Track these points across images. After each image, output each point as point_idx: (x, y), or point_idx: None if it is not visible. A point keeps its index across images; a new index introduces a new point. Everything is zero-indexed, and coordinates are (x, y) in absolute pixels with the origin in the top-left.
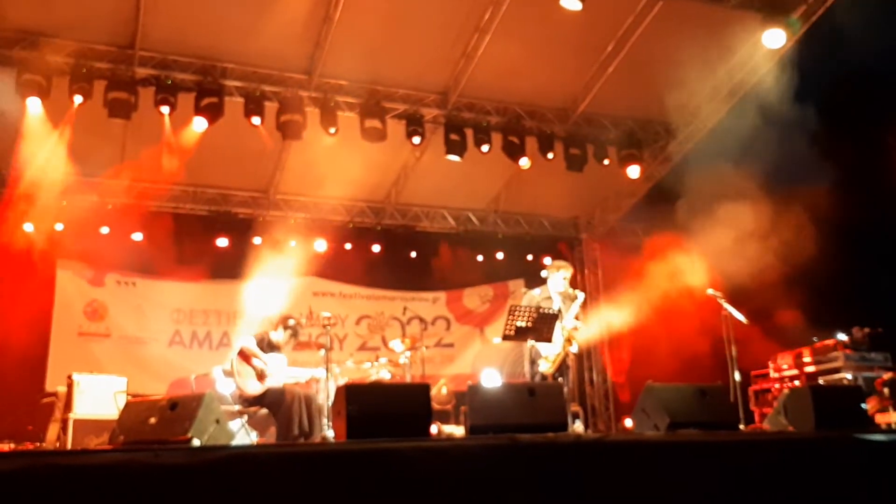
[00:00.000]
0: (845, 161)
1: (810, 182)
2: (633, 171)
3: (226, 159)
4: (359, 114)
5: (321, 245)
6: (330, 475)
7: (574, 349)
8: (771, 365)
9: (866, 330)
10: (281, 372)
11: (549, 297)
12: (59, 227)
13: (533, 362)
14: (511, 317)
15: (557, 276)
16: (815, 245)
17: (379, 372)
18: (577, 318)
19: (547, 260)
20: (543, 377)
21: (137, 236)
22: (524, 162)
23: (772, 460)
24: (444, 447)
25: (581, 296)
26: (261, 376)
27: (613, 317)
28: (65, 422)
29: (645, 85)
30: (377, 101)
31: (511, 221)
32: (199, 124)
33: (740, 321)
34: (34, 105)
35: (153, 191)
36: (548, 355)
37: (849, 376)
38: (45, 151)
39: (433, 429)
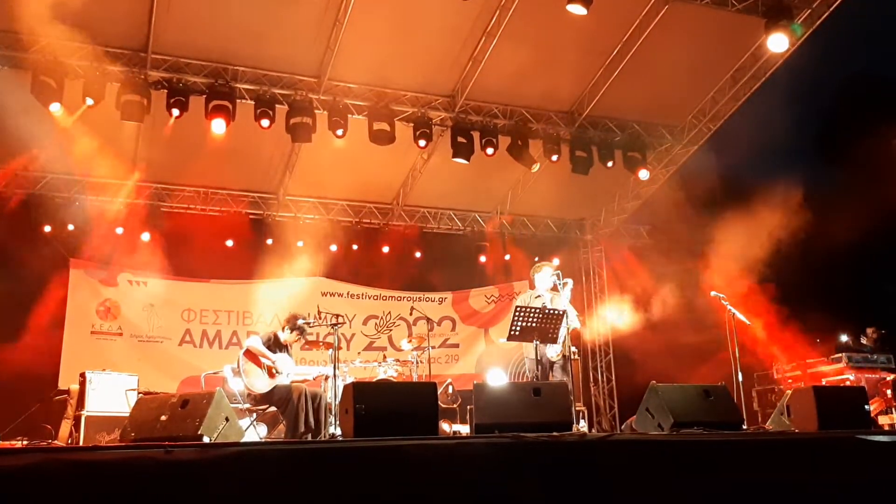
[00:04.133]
0: (850, 164)
1: (814, 185)
2: (644, 175)
3: (236, 161)
4: (367, 116)
5: (330, 246)
6: (337, 472)
7: (577, 324)
8: (774, 365)
9: (882, 332)
10: (289, 370)
11: (539, 296)
12: (71, 227)
13: (538, 362)
14: (517, 317)
15: (544, 274)
16: (818, 248)
17: (386, 371)
18: (570, 302)
19: (555, 261)
20: (552, 363)
21: (149, 237)
22: (535, 167)
23: (775, 460)
24: (450, 445)
25: (570, 282)
26: (271, 373)
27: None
28: (77, 419)
29: (650, 88)
30: (385, 104)
31: (517, 223)
32: (219, 126)
33: (744, 322)
34: (52, 109)
35: (165, 192)
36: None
37: (852, 377)
38: (58, 153)
39: (444, 427)
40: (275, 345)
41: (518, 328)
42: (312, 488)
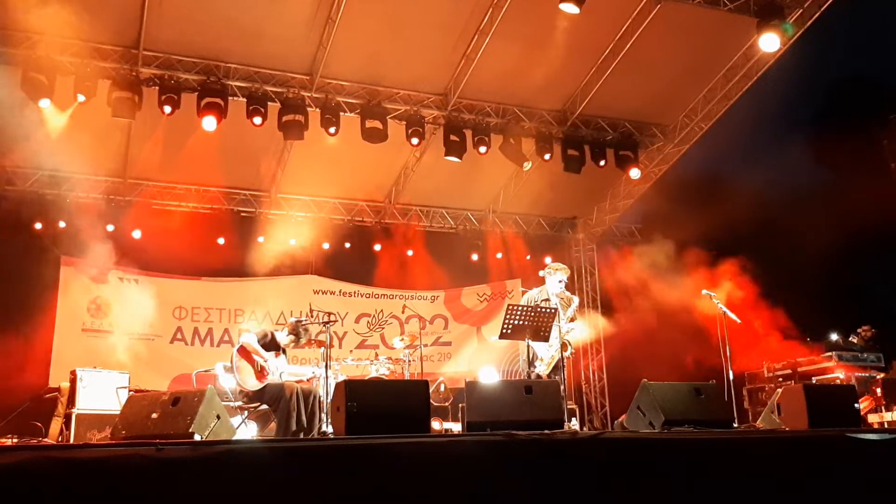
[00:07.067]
0: (841, 164)
1: (805, 185)
2: (635, 173)
3: (228, 158)
4: (360, 114)
5: (322, 244)
6: (329, 470)
7: (569, 353)
8: (765, 364)
9: (874, 330)
10: (282, 370)
11: (547, 299)
12: (62, 224)
13: (530, 363)
14: (508, 315)
15: (555, 278)
16: (809, 248)
17: (378, 369)
18: (572, 320)
19: (547, 259)
20: (539, 377)
21: (140, 234)
22: (527, 165)
23: (765, 458)
24: (442, 443)
25: (576, 300)
26: (260, 374)
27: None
28: (68, 416)
29: (642, 87)
30: (378, 102)
31: (509, 221)
32: (209, 123)
33: (734, 321)
34: (41, 104)
35: (156, 189)
36: (543, 357)
37: (842, 376)
38: (49, 150)
39: (436, 425)
40: (271, 344)
41: (510, 326)
42: (304, 486)
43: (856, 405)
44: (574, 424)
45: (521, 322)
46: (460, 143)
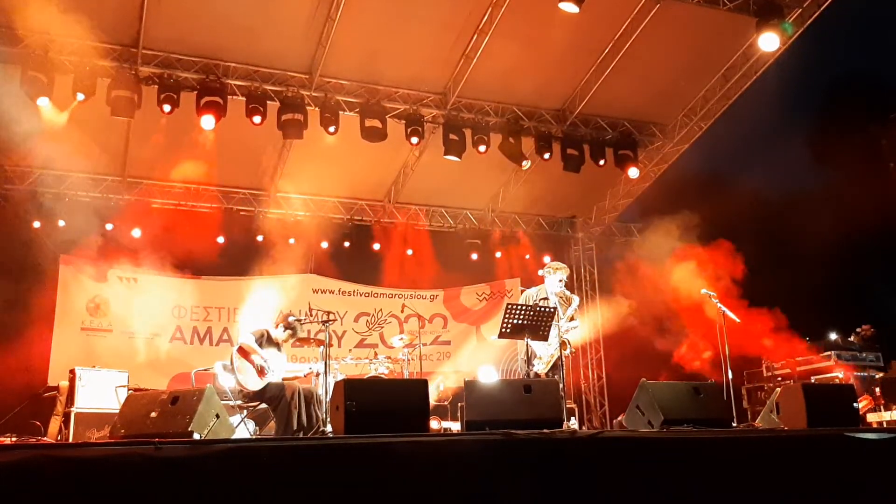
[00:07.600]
0: (840, 163)
1: (804, 184)
2: (634, 173)
3: (227, 157)
4: (359, 113)
5: (321, 243)
6: (328, 469)
7: (568, 352)
8: (764, 363)
9: (873, 330)
10: (280, 368)
11: (546, 297)
12: (62, 223)
13: (529, 361)
14: (508, 314)
15: (555, 277)
16: (808, 247)
17: (377, 368)
18: (571, 319)
19: (546, 258)
20: (538, 376)
21: (140, 233)
22: (526, 164)
23: (764, 458)
24: (441, 442)
25: (576, 300)
26: (261, 372)
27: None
28: (67, 415)
29: (642, 86)
30: (377, 101)
31: (508, 221)
32: (208, 122)
33: (734, 320)
34: (40, 103)
35: (155, 188)
36: (542, 356)
37: (841, 375)
38: (48, 148)
39: (434, 424)
40: (267, 342)
41: (509, 326)
42: (302, 485)
43: (854, 405)
44: (573, 423)
45: (520, 321)
46: (460, 142)
